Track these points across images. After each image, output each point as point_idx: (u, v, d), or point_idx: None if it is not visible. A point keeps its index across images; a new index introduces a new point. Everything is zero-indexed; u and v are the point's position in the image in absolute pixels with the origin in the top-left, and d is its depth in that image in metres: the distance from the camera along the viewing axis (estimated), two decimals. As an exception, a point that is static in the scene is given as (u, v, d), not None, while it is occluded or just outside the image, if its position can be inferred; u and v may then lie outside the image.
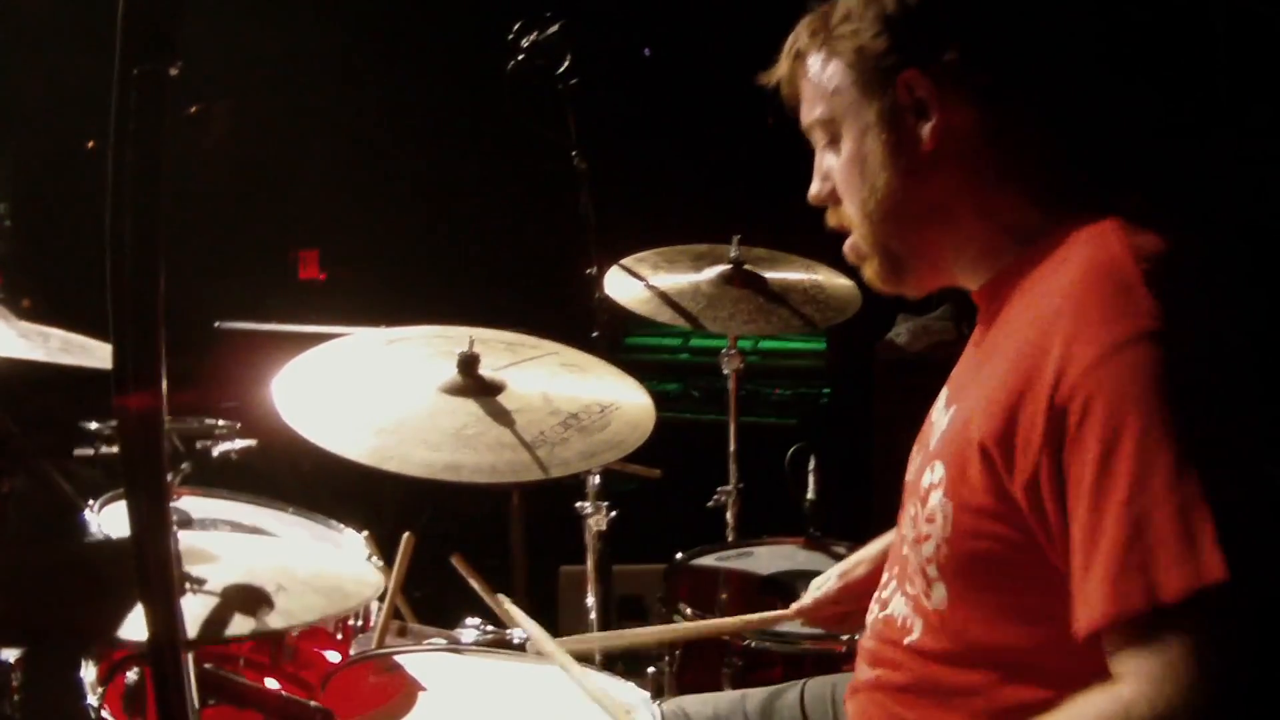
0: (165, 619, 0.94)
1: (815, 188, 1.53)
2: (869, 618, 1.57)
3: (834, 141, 1.46)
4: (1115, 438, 1.14)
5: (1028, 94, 1.38)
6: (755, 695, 1.83)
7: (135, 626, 1.34)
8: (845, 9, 1.42)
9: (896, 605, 1.48)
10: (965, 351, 1.54)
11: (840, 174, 1.46)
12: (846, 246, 1.51)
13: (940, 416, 1.46)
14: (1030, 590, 1.27)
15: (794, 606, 2.04)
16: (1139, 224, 1.27)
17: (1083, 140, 1.43)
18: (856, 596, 2.00)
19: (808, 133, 1.52)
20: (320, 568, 1.72)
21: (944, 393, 1.53)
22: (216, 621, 1.45)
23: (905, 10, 1.38)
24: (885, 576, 1.56)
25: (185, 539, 1.56)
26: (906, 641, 1.42)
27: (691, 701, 1.83)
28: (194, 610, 1.44)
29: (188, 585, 1.49)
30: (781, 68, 1.52)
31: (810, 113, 1.49)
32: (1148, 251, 1.23)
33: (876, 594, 1.57)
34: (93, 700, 1.68)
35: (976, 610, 1.33)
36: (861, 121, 1.41)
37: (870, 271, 1.50)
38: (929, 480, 1.36)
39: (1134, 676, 1.12)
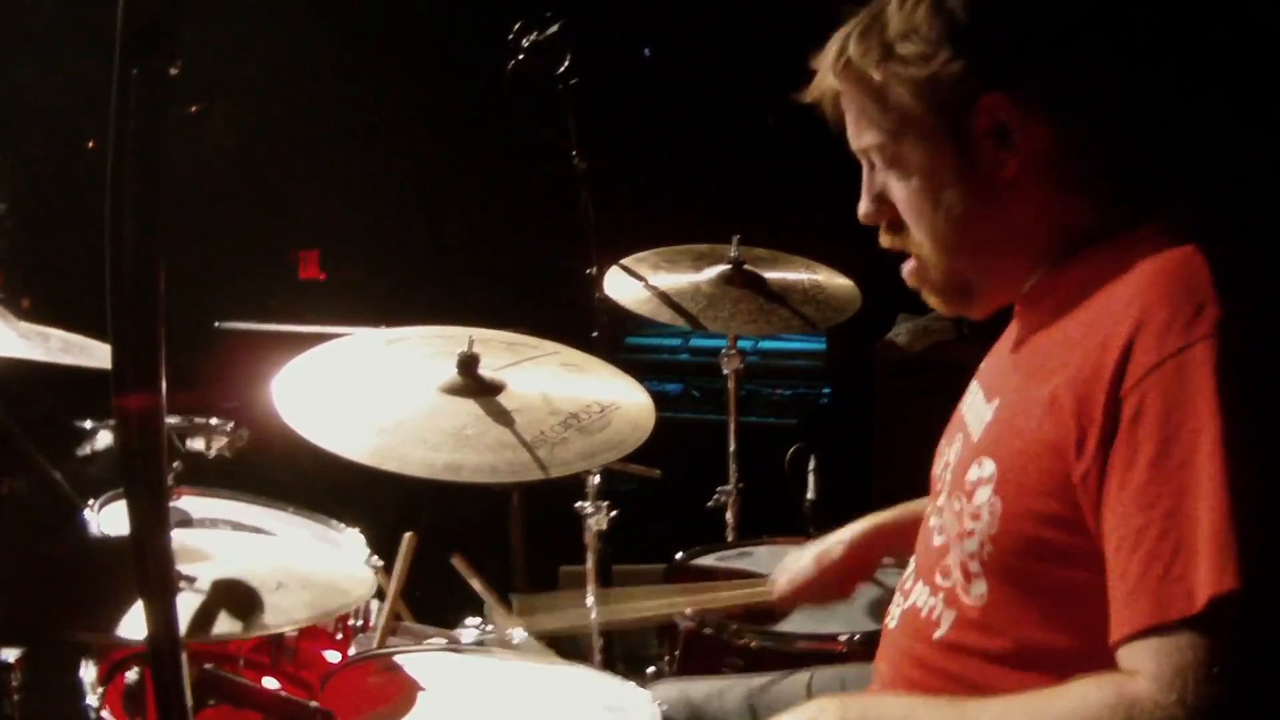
0: (165, 618, 0.94)
1: (867, 208, 1.42)
2: (893, 608, 1.53)
3: (895, 165, 1.37)
4: (1166, 448, 1.12)
5: (1103, 105, 1.32)
6: (759, 681, 1.83)
7: (135, 626, 1.35)
8: (906, 24, 1.31)
9: (921, 596, 1.44)
10: (1000, 346, 1.49)
11: (908, 202, 1.37)
12: (908, 271, 1.43)
13: (981, 409, 1.41)
14: (1071, 598, 1.24)
15: (773, 592, 2.02)
16: (1206, 228, 1.24)
17: (1147, 143, 1.38)
18: (829, 580, 1.97)
19: (859, 154, 1.42)
20: (316, 566, 1.72)
21: (975, 386, 1.48)
22: (210, 620, 1.45)
23: (980, 28, 1.28)
24: (909, 568, 1.52)
25: (178, 537, 1.56)
26: (935, 636, 1.38)
27: (694, 686, 1.83)
28: (187, 609, 1.44)
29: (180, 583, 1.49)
30: (825, 81, 1.41)
31: (865, 136, 1.38)
32: (1218, 259, 1.19)
33: (900, 583, 1.53)
34: (93, 700, 1.68)
35: (1016, 610, 1.29)
36: (933, 149, 1.32)
37: (937, 299, 1.43)
38: (976, 475, 1.32)
39: (1145, 676, 1.11)
